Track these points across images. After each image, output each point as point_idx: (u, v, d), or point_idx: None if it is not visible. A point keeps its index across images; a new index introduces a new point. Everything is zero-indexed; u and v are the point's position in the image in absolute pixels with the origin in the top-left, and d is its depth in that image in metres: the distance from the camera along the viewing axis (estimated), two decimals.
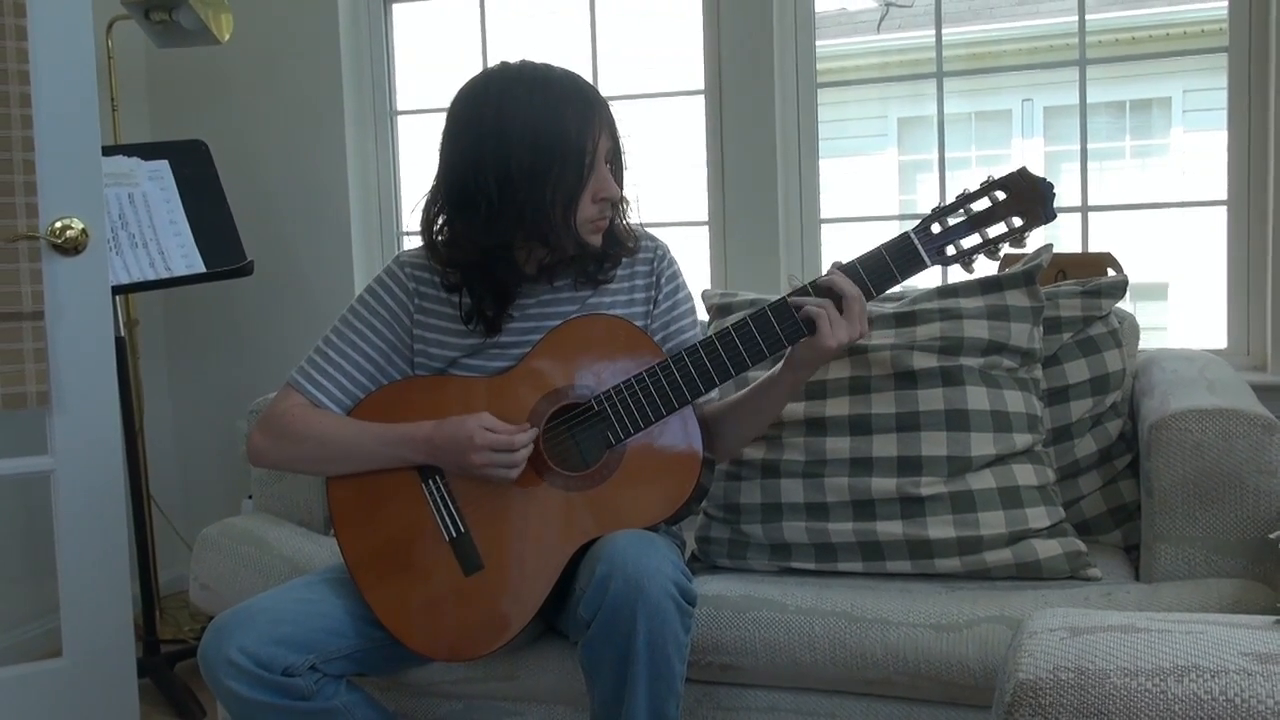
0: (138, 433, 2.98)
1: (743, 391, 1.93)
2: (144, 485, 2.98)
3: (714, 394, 1.93)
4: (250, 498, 2.45)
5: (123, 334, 2.89)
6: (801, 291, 1.78)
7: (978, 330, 1.99)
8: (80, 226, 2.35)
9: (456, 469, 1.79)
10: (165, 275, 2.82)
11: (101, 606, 2.44)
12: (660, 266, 1.96)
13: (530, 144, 1.75)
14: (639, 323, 1.90)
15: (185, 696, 2.77)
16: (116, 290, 2.70)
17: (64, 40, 2.33)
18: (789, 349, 1.81)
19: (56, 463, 2.39)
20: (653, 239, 1.98)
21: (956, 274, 1.85)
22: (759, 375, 1.92)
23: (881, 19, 7.72)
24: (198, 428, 3.54)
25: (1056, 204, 1.76)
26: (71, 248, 2.34)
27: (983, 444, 1.94)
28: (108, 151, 2.71)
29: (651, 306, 1.95)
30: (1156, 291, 6.73)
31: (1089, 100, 2.87)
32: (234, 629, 1.65)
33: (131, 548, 2.76)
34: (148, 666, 2.84)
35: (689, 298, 2.00)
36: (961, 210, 1.76)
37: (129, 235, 2.81)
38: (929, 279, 2.23)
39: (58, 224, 2.33)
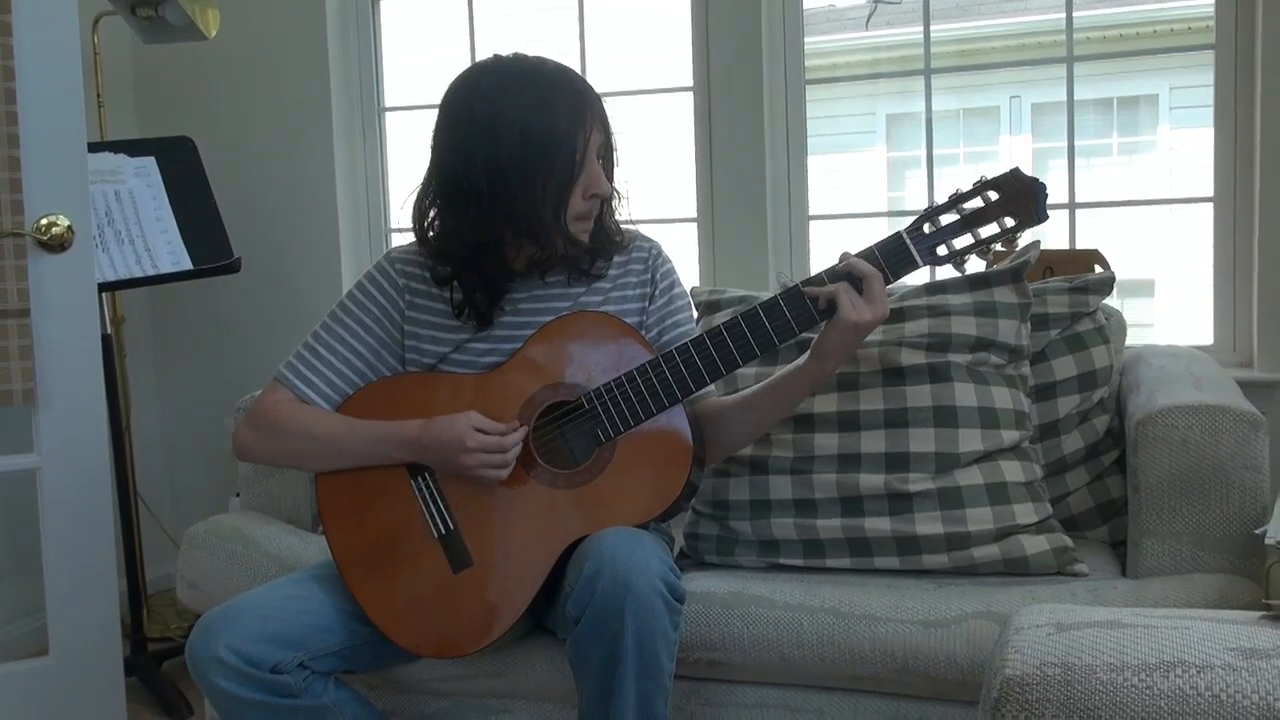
0: (124, 430, 2.97)
1: (760, 385, 1.90)
2: (130, 483, 2.97)
3: (710, 389, 1.93)
4: (238, 495, 2.44)
5: (109, 331, 2.88)
6: (816, 281, 1.77)
7: (965, 327, 2.00)
8: (66, 223, 2.34)
9: (445, 469, 1.79)
10: (152, 272, 2.81)
11: (88, 605, 2.43)
12: (655, 264, 1.95)
13: (521, 138, 1.74)
14: (632, 320, 1.89)
15: (173, 695, 2.76)
16: (102, 287, 2.69)
17: (49, 36, 2.32)
18: (813, 335, 1.79)
19: (42, 460, 2.38)
20: (647, 239, 1.98)
21: (945, 271, 1.86)
22: (751, 371, 1.92)
23: (870, 15, 7.72)
24: (185, 425, 3.53)
25: None
26: (57, 245, 2.33)
27: (970, 440, 1.94)
28: (94, 148, 2.70)
29: (647, 304, 1.94)
30: (1143, 288, 6.75)
31: (1077, 97, 2.88)
32: (222, 626, 1.64)
33: (118, 545, 2.75)
34: (135, 665, 2.83)
35: (684, 294, 2.00)
36: (954, 210, 1.76)
37: (115, 232, 2.80)
38: (917, 275, 2.23)
39: (43, 221, 2.32)
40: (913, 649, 1.75)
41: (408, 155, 3.37)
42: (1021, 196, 1.74)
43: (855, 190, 7.62)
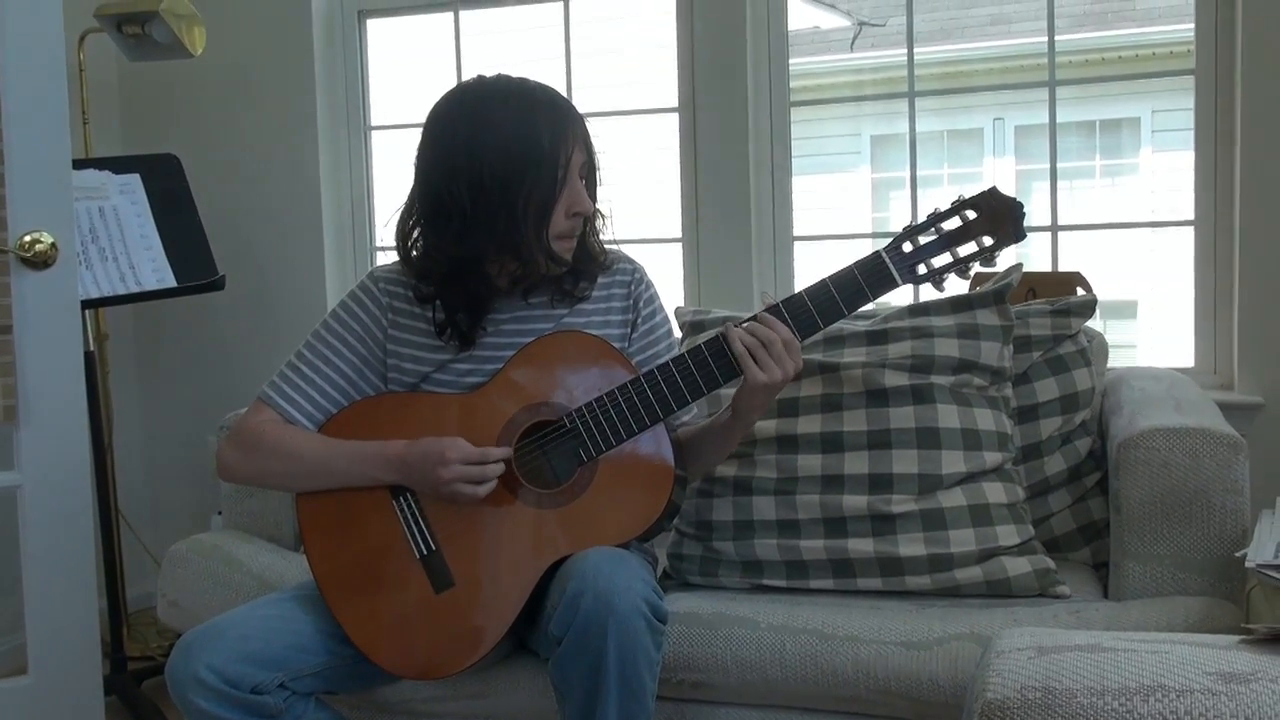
0: (106, 448, 2.95)
1: (703, 424, 1.94)
2: (112, 501, 2.95)
3: (694, 409, 1.94)
4: (220, 514, 2.43)
5: (92, 348, 2.87)
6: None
7: (948, 349, 2.00)
8: (49, 240, 2.33)
9: (426, 488, 1.78)
10: (135, 289, 2.80)
11: (68, 623, 2.41)
12: (638, 290, 1.96)
13: (503, 154, 1.75)
14: (615, 345, 1.89)
15: (152, 714, 2.74)
16: (86, 304, 2.68)
17: (35, 52, 2.31)
18: (733, 392, 1.82)
19: (24, 478, 2.36)
20: (630, 261, 1.98)
21: (928, 292, 1.87)
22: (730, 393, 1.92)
23: (854, 38, 7.78)
24: (167, 443, 3.51)
25: (1027, 223, 1.77)
26: (40, 261, 2.32)
27: (953, 462, 1.95)
28: (78, 165, 2.69)
29: (629, 330, 1.95)
30: (1126, 310, 6.79)
31: (1059, 120, 2.90)
32: (202, 646, 1.63)
33: (99, 564, 2.74)
34: (115, 684, 2.81)
35: (666, 320, 2.00)
36: (932, 229, 1.77)
37: (99, 249, 2.79)
38: (900, 297, 2.24)
39: (26, 238, 2.31)
40: (895, 670, 1.75)
41: (394, 174, 3.37)
42: (999, 215, 1.75)
43: (840, 211, 7.66)
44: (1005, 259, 1.84)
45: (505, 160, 1.75)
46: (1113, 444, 1.92)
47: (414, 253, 1.87)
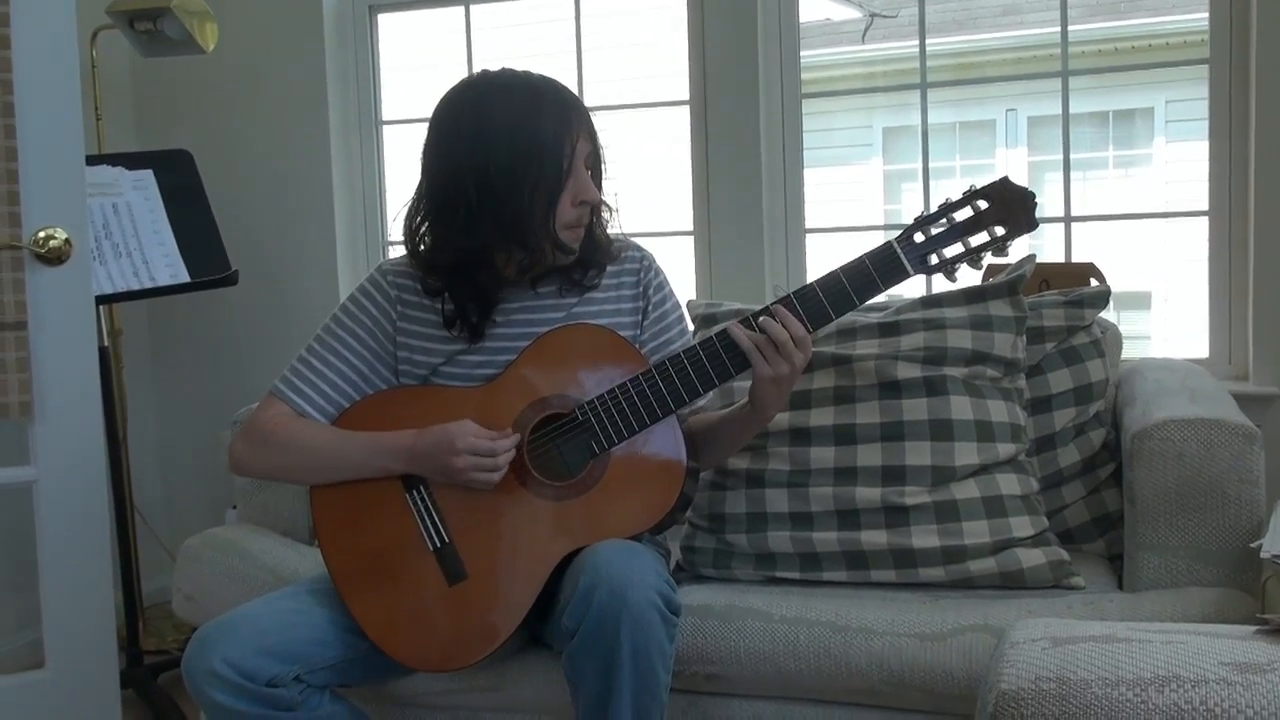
0: (121, 443, 2.97)
1: (719, 414, 1.94)
2: (127, 496, 2.96)
3: (707, 398, 1.93)
4: (234, 508, 2.44)
5: (106, 344, 2.88)
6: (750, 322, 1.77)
7: (961, 340, 2.00)
8: (63, 236, 2.34)
9: (438, 475, 1.79)
10: (149, 285, 2.81)
11: (84, 617, 2.43)
12: (647, 278, 1.96)
13: (508, 146, 1.75)
14: (626, 333, 1.89)
15: (168, 708, 2.75)
16: (100, 300, 2.69)
17: (48, 49, 2.32)
18: (747, 384, 1.82)
19: (39, 473, 2.38)
20: (639, 249, 1.98)
21: (940, 284, 1.86)
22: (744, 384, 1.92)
23: (866, 29, 7.75)
24: (181, 438, 3.53)
25: (1040, 214, 1.77)
26: (55, 258, 2.33)
27: (966, 453, 1.94)
28: (92, 161, 2.70)
29: (640, 318, 1.95)
30: (1139, 301, 6.76)
31: (1072, 110, 2.89)
32: (218, 640, 1.64)
33: (115, 558, 2.75)
34: (131, 677, 2.82)
35: (677, 306, 2.00)
36: (944, 219, 1.76)
37: (113, 245, 2.80)
38: (913, 289, 2.24)
39: (41, 234, 2.32)
40: (909, 662, 1.75)
41: (406, 168, 3.37)
42: (1011, 205, 1.75)
43: (852, 203, 7.63)
44: (1018, 250, 1.83)
45: (510, 152, 1.75)
46: (1127, 435, 1.92)
47: (421, 247, 1.87)
